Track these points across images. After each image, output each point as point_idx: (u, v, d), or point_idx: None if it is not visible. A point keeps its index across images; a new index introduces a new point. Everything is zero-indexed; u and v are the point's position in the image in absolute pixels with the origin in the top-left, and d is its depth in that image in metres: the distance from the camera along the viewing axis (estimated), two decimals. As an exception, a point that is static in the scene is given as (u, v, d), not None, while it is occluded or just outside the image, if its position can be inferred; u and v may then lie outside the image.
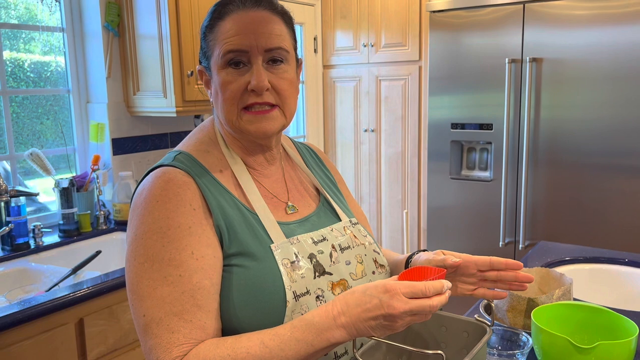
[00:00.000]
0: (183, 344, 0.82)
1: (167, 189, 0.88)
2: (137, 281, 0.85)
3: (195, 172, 0.92)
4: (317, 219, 1.02)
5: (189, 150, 0.97)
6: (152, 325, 0.83)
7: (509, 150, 2.71)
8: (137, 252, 0.86)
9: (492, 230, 2.81)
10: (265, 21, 0.92)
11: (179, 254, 0.85)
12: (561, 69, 2.52)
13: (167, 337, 0.82)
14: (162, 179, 0.90)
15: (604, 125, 2.46)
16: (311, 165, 1.13)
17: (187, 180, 0.90)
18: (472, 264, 0.99)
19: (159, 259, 0.85)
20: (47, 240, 2.11)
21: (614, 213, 2.46)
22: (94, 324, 1.68)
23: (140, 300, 0.85)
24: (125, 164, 2.45)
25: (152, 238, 0.86)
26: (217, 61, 0.93)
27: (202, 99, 2.30)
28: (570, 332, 1.09)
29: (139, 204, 0.89)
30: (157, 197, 0.88)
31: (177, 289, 0.84)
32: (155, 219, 0.86)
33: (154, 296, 0.84)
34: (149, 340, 0.84)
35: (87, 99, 2.44)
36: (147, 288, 0.85)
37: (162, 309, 0.83)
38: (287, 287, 0.87)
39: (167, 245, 0.85)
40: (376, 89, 3.39)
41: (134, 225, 0.89)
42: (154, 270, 0.85)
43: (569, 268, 1.71)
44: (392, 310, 0.76)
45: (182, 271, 0.85)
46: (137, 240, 0.87)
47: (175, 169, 0.91)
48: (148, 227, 0.86)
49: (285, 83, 0.94)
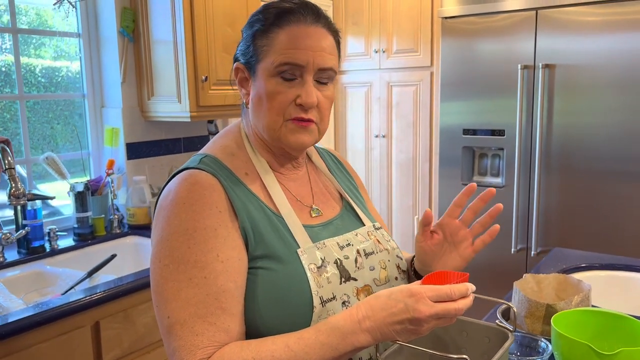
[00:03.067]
0: (207, 346, 0.83)
1: (193, 191, 0.89)
2: (162, 282, 0.86)
3: (221, 175, 0.93)
4: (341, 223, 1.02)
5: (214, 154, 0.97)
6: (176, 326, 0.84)
7: (521, 157, 2.70)
8: (163, 253, 0.87)
9: (504, 236, 2.80)
10: (322, 39, 0.93)
11: (204, 256, 0.86)
12: (574, 75, 2.52)
13: (191, 340, 0.83)
14: (189, 181, 0.91)
15: (616, 132, 2.45)
16: (333, 170, 1.14)
17: (213, 183, 0.91)
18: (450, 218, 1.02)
19: (185, 260, 0.85)
20: (62, 243, 2.13)
21: (627, 219, 2.45)
22: (110, 327, 1.69)
23: (165, 301, 0.85)
24: (139, 168, 2.46)
25: (178, 240, 0.86)
26: (269, 68, 0.92)
27: (217, 104, 2.32)
28: (590, 339, 1.09)
29: (165, 206, 0.90)
30: (183, 199, 0.89)
31: (202, 291, 0.85)
32: (181, 221, 0.87)
33: (178, 298, 0.85)
34: (173, 341, 0.84)
35: (101, 104, 2.46)
36: (172, 290, 0.85)
37: (187, 310, 0.84)
38: (314, 292, 0.88)
39: (192, 247, 0.86)
40: (387, 95, 3.39)
41: (159, 227, 0.89)
42: (179, 272, 0.85)
43: (585, 275, 1.70)
44: (418, 314, 0.76)
45: (207, 273, 0.85)
46: (163, 242, 0.87)
47: (202, 172, 0.92)
48: (174, 229, 0.87)
49: (328, 102, 0.96)
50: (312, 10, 0.94)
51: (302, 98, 0.91)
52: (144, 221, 2.36)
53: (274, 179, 0.98)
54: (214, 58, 2.28)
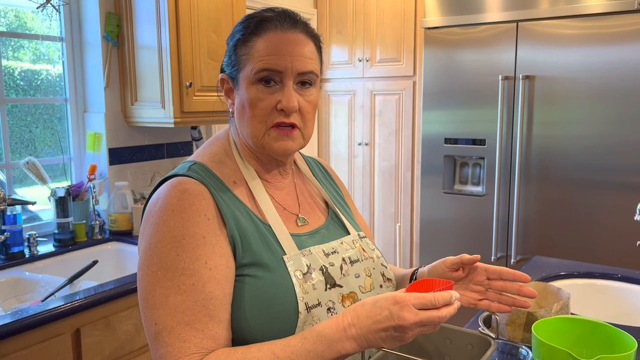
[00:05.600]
0: (194, 353, 0.83)
1: (182, 198, 0.89)
2: (150, 289, 0.86)
3: (210, 183, 0.93)
4: (327, 232, 1.03)
5: (203, 161, 0.98)
6: (163, 333, 0.84)
7: (502, 166, 2.75)
8: (151, 260, 0.87)
9: (484, 244, 2.83)
10: (301, 44, 0.94)
11: (192, 263, 0.86)
12: (553, 86, 2.57)
13: (178, 346, 0.83)
14: (178, 188, 0.91)
15: (595, 142, 2.50)
16: (320, 179, 1.15)
17: (202, 191, 0.91)
18: (483, 269, 1.04)
19: (173, 267, 0.85)
20: (42, 249, 2.10)
21: (605, 228, 2.50)
22: (91, 335, 1.67)
23: (152, 308, 0.85)
24: (122, 174, 2.44)
25: (166, 247, 0.86)
26: (249, 76, 0.93)
27: (201, 110, 2.31)
28: (570, 346, 1.11)
29: (153, 213, 0.90)
30: (172, 207, 0.89)
31: (190, 298, 0.85)
32: (170, 228, 0.87)
33: (166, 305, 0.84)
34: (160, 348, 0.84)
35: (84, 109, 2.44)
36: (160, 297, 0.85)
37: (174, 317, 0.84)
38: (300, 298, 0.88)
39: (181, 254, 0.86)
40: (370, 103, 3.42)
41: (147, 234, 0.89)
42: (167, 279, 0.85)
43: (564, 283, 1.73)
44: (403, 321, 0.77)
45: (195, 280, 0.85)
46: (151, 249, 0.87)
47: (191, 179, 0.92)
48: (162, 236, 0.87)
49: (310, 106, 0.97)
50: (290, 17, 0.96)
51: (282, 103, 0.92)
52: (126, 227, 2.34)
53: (261, 187, 0.99)
54: (198, 64, 2.28)
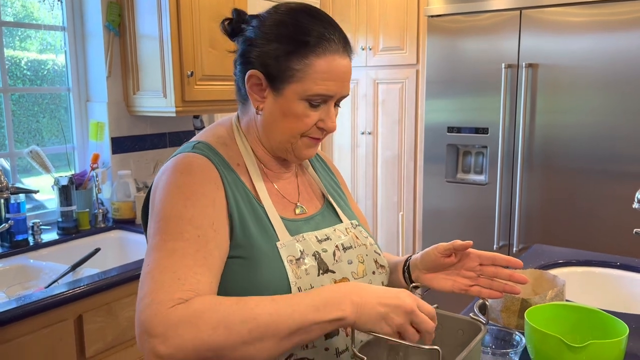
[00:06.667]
0: (188, 290, 0.78)
1: (192, 164, 0.91)
2: (151, 238, 0.85)
3: (215, 160, 0.94)
4: (322, 219, 1.05)
5: (207, 141, 0.99)
6: (154, 272, 0.79)
7: (504, 155, 2.74)
8: (158, 216, 0.86)
9: (486, 233, 2.84)
10: (349, 71, 0.96)
11: (199, 218, 0.85)
12: (556, 74, 2.56)
13: (171, 282, 0.78)
14: (186, 159, 0.92)
15: (598, 131, 2.49)
16: (318, 169, 1.16)
17: (209, 164, 0.92)
18: (476, 256, 1.05)
19: (179, 215, 0.84)
20: (45, 237, 2.12)
21: (607, 217, 2.50)
22: (93, 321, 1.69)
23: (148, 255, 0.83)
24: (124, 162, 2.46)
25: (174, 199, 0.86)
26: (300, 93, 0.92)
27: (202, 99, 2.32)
28: (563, 332, 1.12)
29: (161, 180, 0.90)
30: (181, 170, 0.89)
31: (192, 246, 0.82)
32: (179, 186, 0.87)
33: (164, 248, 0.82)
34: (149, 285, 0.78)
35: (87, 98, 2.46)
36: (159, 242, 0.83)
37: (170, 259, 0.80)
38: (293, 283, 0.89)
39: (189, 206, 0.85)
40: (373, 92, 3.41)
41: (156, 200, 0.89)
42: (170, 226, 0.83)
43: (562, 271, 1.74)
44: (404, 303, 0.80)
45: (201, 233, 0.84)
46: (159, 207, 0.87)
47: (196, 154, 0.93)
48: (171, 190, 0.87)
49: None
50: (346, 41, 0.96)
51: (326, 124, 0.96)
52: (129, 215, 2.36)
53: (260, 175, 1.00)
54: (199, 53, 2.28)
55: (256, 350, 0.76)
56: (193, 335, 0.73)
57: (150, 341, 0.74)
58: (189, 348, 0.73)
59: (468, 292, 1.05)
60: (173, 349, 0.73)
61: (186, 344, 0.73)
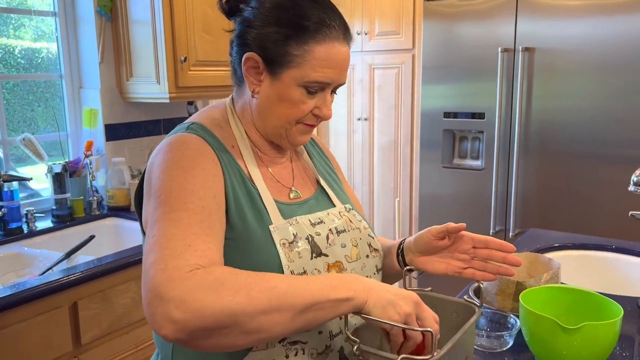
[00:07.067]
0: (202, 257, 0.75)
1: (188, 142, 0.89)
2: (152, 213, 0.82)
3: (210, 141, 0.93)
4: (315, 203, 1.04)
5: (202, 122, 0.97)
6: (161, 240, 0.76)
7: (501, 139, 2.73)
8: (158, 192, 0.83)
9: (482, 218, 2.84)
10: (348, 60, 0.95)
11: (202, 189, 0.83)
12: (553, 58, 2.54)
13: (182, 248, 0.75)
14: (181, 137, 0.90)
15: (594, 115, 2.48)
16: (312, 154, 1.15)
17: (205, 144, 0.91)
18: (469, 238, 1.04)
19: (180, 187, 0.82)
20: (40, 225, 2.11)
21: (603, 201, 2.50)
22: (88, 308, 1.69)
23: (151, 228, 0.79)
24: (118, 150, 2.45)
25: (173, 173, 0.84)
26: (298, 79, 0.91)
27: (196, 85, 2.30)
28: (557, 315, 1.11)
29: (156, 159, 0.88)
30: (178, 147, 0.88)
31: (197, 216, 0.80)
32: (177, 161, 0.85)
33: (168, 218, 0.79)
34: (159, 252, 0.75)
35: (79, 85, 2.43)
36: (163, 213, 0.79)
37: (177, 228, 0.77)
38: (285, 266, 0.88)
39: (190, 179, 0.83)
40: (369, 78, 3.39)
41: (153, 178, 0.86)
42: (172, 197, 0.81)
43: (558, 254, 1.74)
44: (413, 295, 0.82)
45: (205, 204, 0.82)
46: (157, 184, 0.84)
47: (191, 134, 0.92)
48: (169, 167, 0.85)
49: None
50: (346, 29, 0.95)
51: (322, 111, 0.95)
52: (124, 203, 2.35)
53: (254, 159, 0.99)
54: (193, 38, 2.26)
55: (273, 321, 0.74)
56: (213, 299, 0.70)
57: (164, 306, 0.69)
58: (208, 313, 0.70)
59: (462, 274, 1.05)
60: (190, 314, 0.69)
61: (205, 308, 0.69)
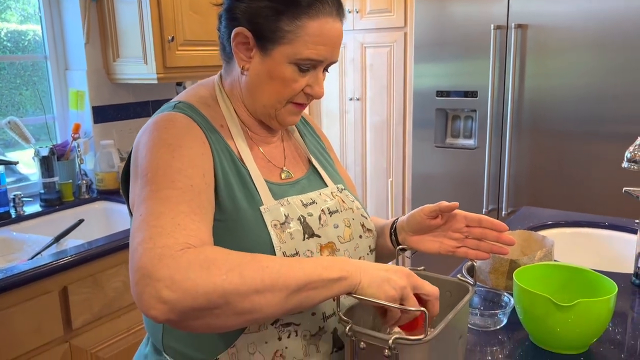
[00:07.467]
0: (193, 236, 0.73)
1: (175, 120, 0.87)
2: (138, 193, 0.79)
3: (198, 120, 0.90)
4: (307, 183, 1.02)
5: (189, 101, 0.94)
6: (149, 219, 0.73)
7: (494, 118, 2.71)
8: (145, 171, 0.80)
9: (475, 197, 2.83)
10: (341, 37, 0.92)
11: (190, 168, 0.81)
12: (546, 35, 2.51)
13: (171, 227, 0.73)
14: (168, 116, 0.88)
15: (587, 92, 2.46)
16: (304, 133, 1.13)
17: (193, 123, 0.89)
18: (462, 217, 1.02)
19: (167, 165, 0.80)
20: (28, 209, 2.08)
21: (597, 178, 2.49)
22: (78, 292, 1.67)
23: (138, 207, 0.77)
24: (107, 132, 2.41)
25: (160, 151, 0.82)
26: (290, 56, 0.88)
27: (184, 65, 2.26)
28: (552, 292, 1.11)
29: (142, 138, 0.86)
30: (164, 126, 0.85)
31: (186, 195, 0.77)
32: (163, 139, 0.83)
33: (155, 197, 0.76)
34: (147, 231, 0.72)
35: (65, 66, 2.38)
36: (150, 192, 0.77)
37: (165, 206, 0.75)
38: (277, 247, 0.87)
39: (177, 157, 0.81)
40: (361, 57, 3.35)
41: (139, 158, 0.84)
42: (159, 176, 0.78)
43: (551, 232, 1.73)
44: (404, 268, 0.81)
45: (194, 183, 0.80)
46: (144, 163, 0.82)
47: (178, 114, 0.89)
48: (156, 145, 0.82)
49: None
50: (338, 3, 0.92)
51: (314, 90, 0.93)
52: (113, 186, 2.32)
53: (244, 138, 0.96)
54: (180, 17, 2.21)
55: (266, 301, 0.72)
56: (205, 278, 0.68)
57: (154, 285, 0.67)
58: (200, 292, 0.68)
59: (455, 253, 1.03)
60: (181, 293, 0.67)
61: (197, 288, 0.67)
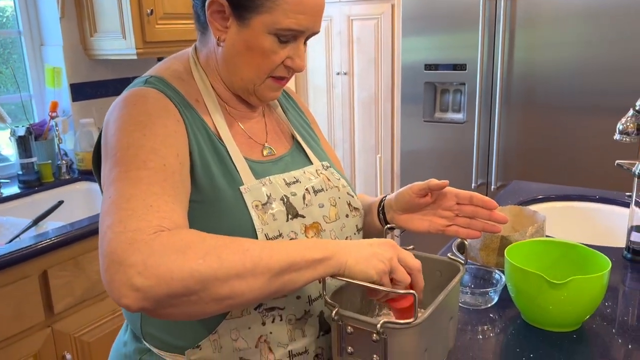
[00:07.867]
0: (166, 219, 0.69)
1: (146, 96, 0.81)
2: (109, 176, 0.74)
3: (172, 95, 0.85)
4: (290, 160, 0.97)
5: (161, 75, 0.88)
6: (119, 201, 0.69)
7: (483, 91, 2.67)
8: (114, 150, 0.76)
9: (464, 172, 2.80)
10: (323, 6, 0.87)
11: (163, 147, 0.76)
12: (536, 6, 2.46)
13: (143, 209, 0.68)
14: (139, 91, 0.82)
15: (577, 66, 2.42)
16: (286, 107, 1.08)
17: (165, 99, 0.83)
18: (453, 194, 0.99)
19: (139, 145, 0.75)
20: (6, 191, 2.02)
21: (588, 152, 2.47)
22: (59, 276, 1.62)
23: (107, 188, 0.72)
24: (86, 110, 2.33)
25: (130, 128, 0.76)
26: (268, 26, 0.83)
27: (165, 39, 2.18)
28: (544, 269, 1.08)
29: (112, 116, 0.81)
30: (134, 102, 0.80)
31: (158, 175, 0.73)
32: (134, 116, 0.78)
33: (126, 177, 0.71)
34: (117, 213, 0.67)
35: (40, 42, 2.29)
36: (120, 173, 0.72)
37: (136, 188, 0.70)
38: (259, 229, 0.82)
39: (149, 135, 0.76)
40: (348, 30, 3.28)
41: (109, 136, 0.79)
42: (130, 155, 0.73)
43: (542, 206, 1.71)
44: (387, 240, 0.78)
45: (167, 162, 0.75)
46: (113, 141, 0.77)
47: (149, 89, 0.83)
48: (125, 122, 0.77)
49: None
50: None
51: (294, 62, 0.88)
52: (95, 166, 2.26)
53: (222, 113, 0.91)
54: (159, -11, 2.12)
55: (247, 285, 0.68)
56: (180, 263, 0.63)
57: (125, 272, 0.62)
58: (175, 278, 0.63)
59: (445, 232, 1.00)
60: (154, 280, 0.62)
61: (171, 273, 0.63)
